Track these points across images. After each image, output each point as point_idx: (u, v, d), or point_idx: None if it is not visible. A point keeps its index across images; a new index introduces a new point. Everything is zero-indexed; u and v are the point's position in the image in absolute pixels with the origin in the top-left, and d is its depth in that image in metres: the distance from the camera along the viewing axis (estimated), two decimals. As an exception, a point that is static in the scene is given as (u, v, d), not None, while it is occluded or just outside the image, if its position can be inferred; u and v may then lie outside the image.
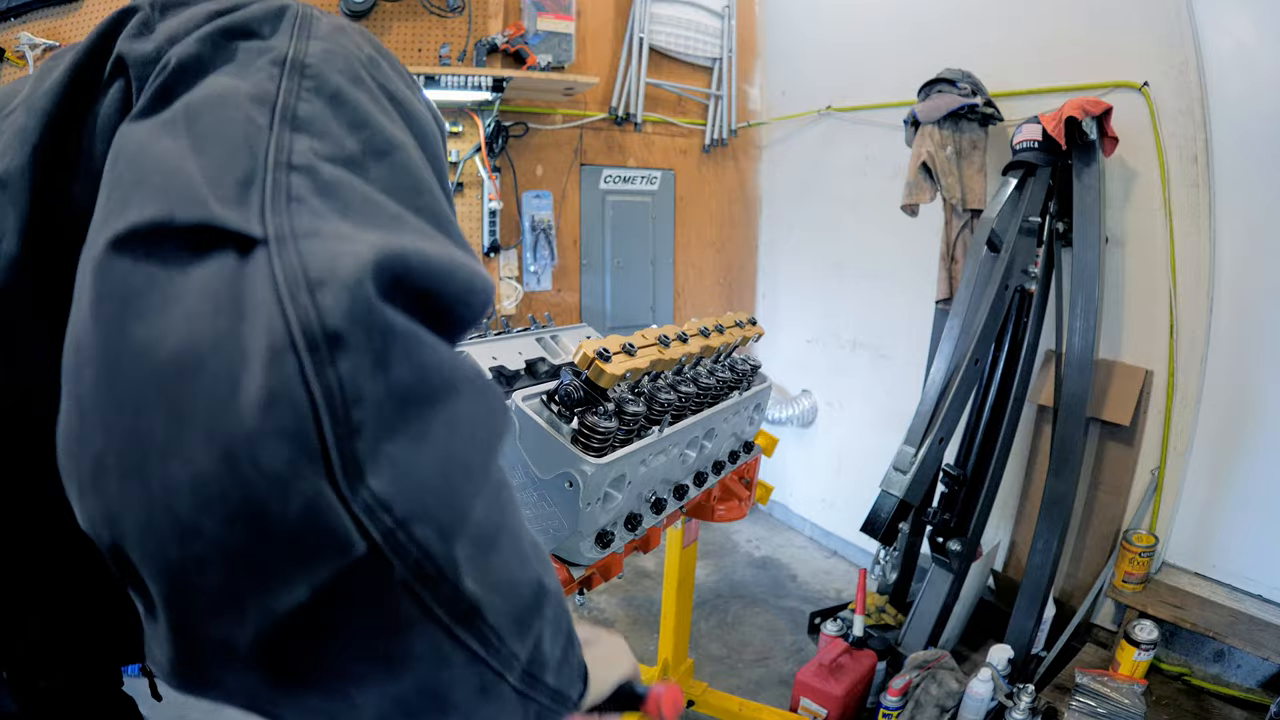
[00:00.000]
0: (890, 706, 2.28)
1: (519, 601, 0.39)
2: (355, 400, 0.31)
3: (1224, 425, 2.45)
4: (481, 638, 0.36)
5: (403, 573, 0.32)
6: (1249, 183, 2.32)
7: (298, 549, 0.30)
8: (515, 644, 0.39)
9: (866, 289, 3.57)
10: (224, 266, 0.33)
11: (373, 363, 0.32)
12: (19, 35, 2.66)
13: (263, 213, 0.35)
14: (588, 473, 1.16)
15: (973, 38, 2.92)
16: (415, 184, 0.43)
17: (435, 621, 0.34)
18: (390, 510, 0.31)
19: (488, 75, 3.01)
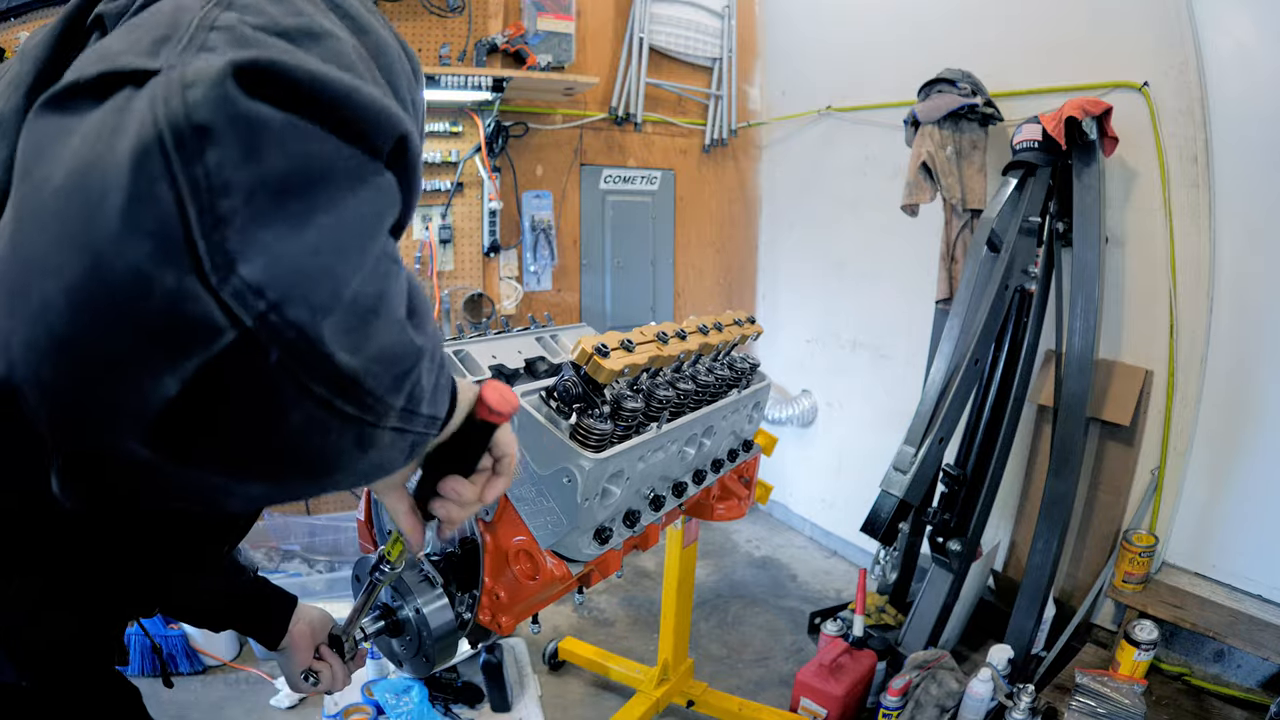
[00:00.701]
0: (890, 706, 2.28)
1: (397, 365, 0.40)
2: (223, 190, 0.31)
3: (1224, 425, 2.44)
4: (359, 403, 0.38)
5: (279, 355, 0.33)
6: (1249, 183, 2.32)
7: (161, 342, 0.31)
8: (392, 398, 0.40)
9: (866, 289, 3.57)
10: (120, 99, 0.34)
11: (242, 153, 0.32)
12: (19, 35, 2.66)
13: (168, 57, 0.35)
14: (586, 468, 1.16)
15: (972, 37, 2.92)
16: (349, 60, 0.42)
17: (312, 397, 0.35)
18: (263, 294, 0.32)
19: (488, 75, 3.02)
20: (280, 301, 0.32)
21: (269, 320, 0.32)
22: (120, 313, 0.30)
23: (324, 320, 0.34)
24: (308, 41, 0.41)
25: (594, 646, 2.72)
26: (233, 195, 0.31)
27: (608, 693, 2.62)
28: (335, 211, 0.35)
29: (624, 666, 2.58)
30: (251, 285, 0.32)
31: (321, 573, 2.92)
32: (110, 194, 0.30)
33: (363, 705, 2.36)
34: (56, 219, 0.31)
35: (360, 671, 2.24)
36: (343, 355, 0.35)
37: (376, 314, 0.38)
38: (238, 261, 0.31)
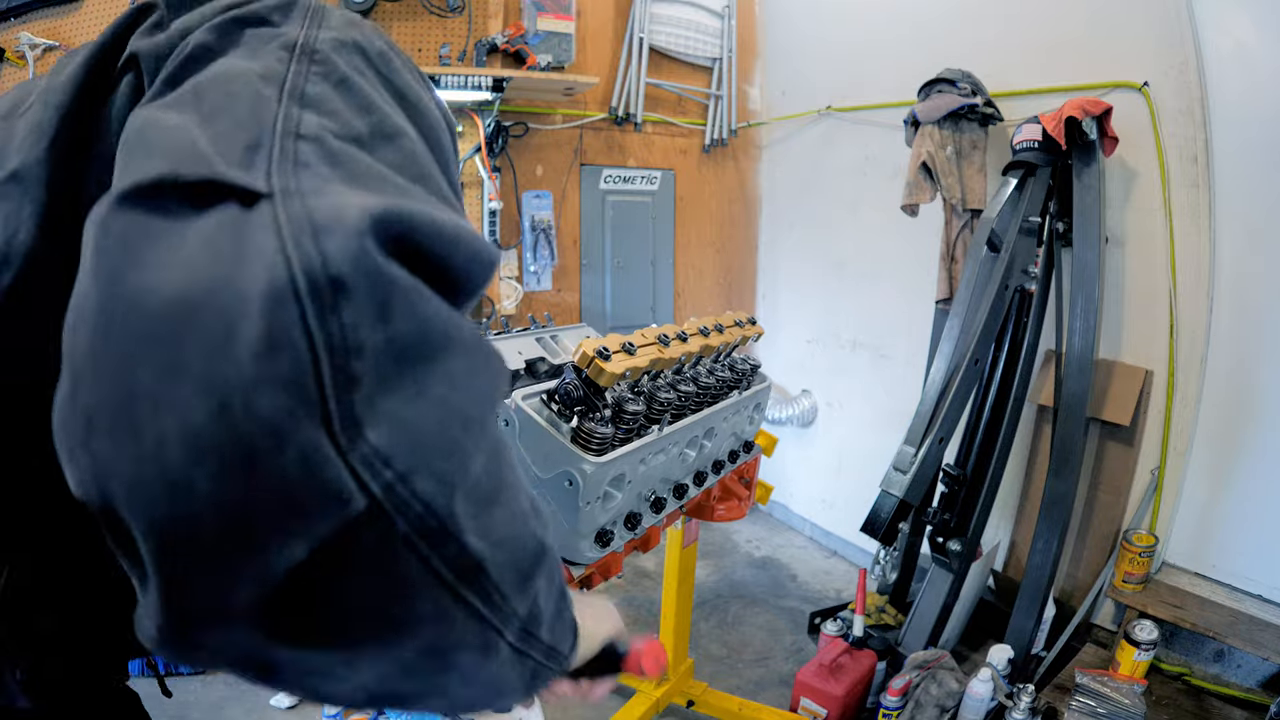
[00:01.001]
0: (890, 706, 2.28)
1: (521, 557, 0.38)
2: (356, 351, 0.30)
3: (1224, 425, 2.45)
4: (484, 595, 0.36)
5: (405, 529, 0.31)
6: (1249, 183, 2.32)
7: (294, 503, 0.29)
8: (516, 601, 0.38)
9: (866, 289, 3.57)
10: (226, 216, 0.32)
11: (375, 313, 0.31)
12: (19, 35, 2.66)
13: (269, 173, 0.34)
14: (587, 471, 1.16)
15: (972, 37, 2.92)
16: (423, 171, 0.42)
17: (439, 579, 0.33)
18: (390, 464, 0.30)
19: (488, 75, 3.01)
20: (407, 473, 0.31)
21: (396, 491, 0.30)
22: (251, 464, 0.28)
23: (451, 495, 0.33)
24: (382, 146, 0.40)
25: (594, 647, 2.71)
26: (365, 358, 0.30)
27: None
28: (453, 381, 0.34)
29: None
30: (380, 453, 0.30)
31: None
32: (241, 334, 0.28)
33: (363, 706, 2.36)
34: (169, 346, 0.29)
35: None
36: (470, 536, 0.34)
37: (501, 496, 0.36)
38: (365, 427, 0.30)
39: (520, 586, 0.38)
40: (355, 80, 0.43)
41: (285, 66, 0.41)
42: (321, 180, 0.34)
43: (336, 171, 0.36)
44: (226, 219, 0.32)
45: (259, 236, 0.31)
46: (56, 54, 2.73)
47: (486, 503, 0.35)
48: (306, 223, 0.31)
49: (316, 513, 0.29)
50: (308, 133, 0.37)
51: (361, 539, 0.30)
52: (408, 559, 0.32)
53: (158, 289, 0.30)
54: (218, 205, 0.32)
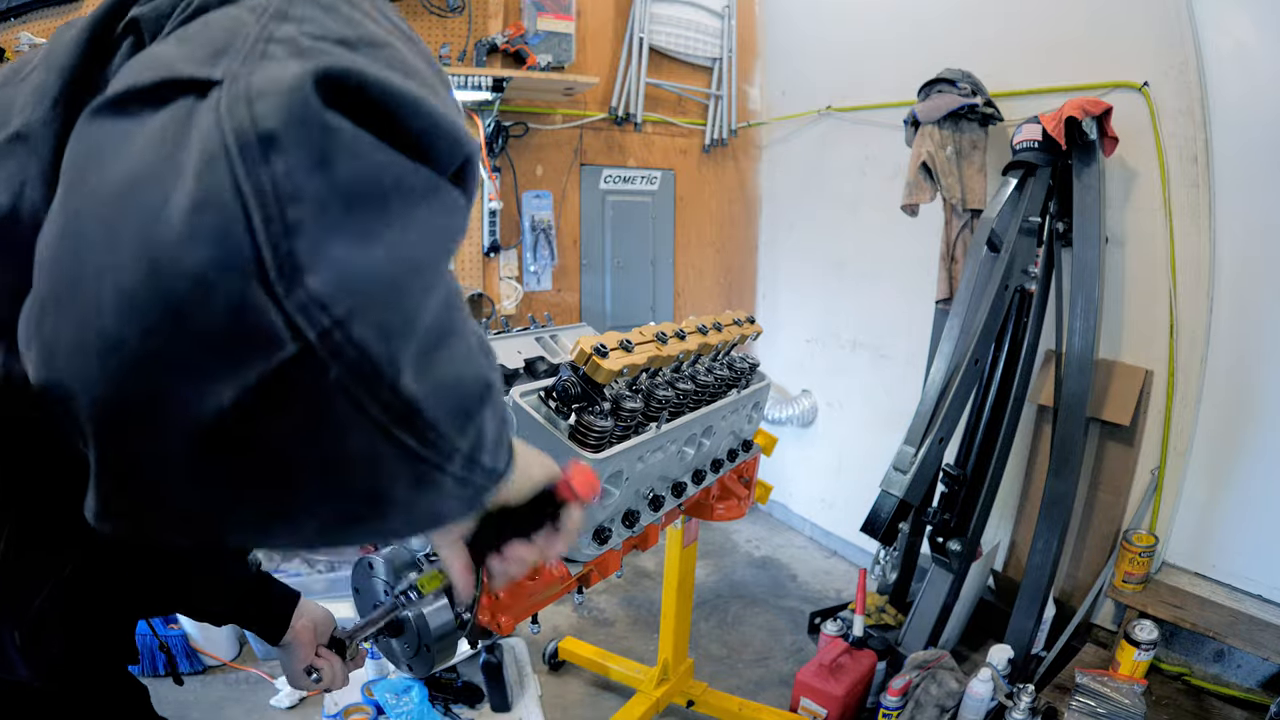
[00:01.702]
0: (890, 706, 2.28)
1: (463, 399, 0.39)
2: (292, 198, 0.30)
3: (1224, 425, 2.44)
4: (420, 436, 0.36)
5: (339, 373, 0.32)
6: (1249, 183, 2.32)
7: (219, 349, 0.30)
8: (457, 438, 0.39)
9: (866, 289, 3.57)
10: (180, 107, 0.33)
11: (313, 160, 0.31)
12: (19, 35, 2.66)
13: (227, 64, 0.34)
14: (585, 469, 1.16)
15: (972, 37, 2.92)
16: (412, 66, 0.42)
17: (372, 422, 0.34)
18: (328, 309, 0.31)
19: (488, 75, 3.02)
20: (345, 317, 0.31)
21: (332, 336, 0.31)
22: (178, 317, 0.29)
23: (390, 340, 0.33)
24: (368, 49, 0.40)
25: (594, 646, 2.72)
26: (302, 203, 0.31)
27: (608, 693, 2.62)
28: (407, 226, 0.34)
29: (624, 666, 2.58)
30: (317, 298, 0.31)
31: (322, 572, 2.92)
32: (172, 201, 0.30)
33: (363, 705, 2.36)
34: (113, 223, 0.31)
35: (360, 671, 2.24)
36: (406, 379, 0.34)
37: (447, 339, 0.37)
38: (305, 273, 0.30)
39: (462, 424, 0.39)
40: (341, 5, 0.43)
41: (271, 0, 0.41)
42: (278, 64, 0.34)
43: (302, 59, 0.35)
44: (180, 109, 0.33)
45: (202, 116, 0.32)
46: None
47: (430, 347, 0.35)
48: (244, 92, 0.32)
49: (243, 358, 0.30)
50: (281, 37, 0.37)
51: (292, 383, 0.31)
52: (341, 403, 0.32)
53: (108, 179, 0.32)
54: (174, 100, 0.33)
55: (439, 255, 0.37)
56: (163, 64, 0.36)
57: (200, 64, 0.35)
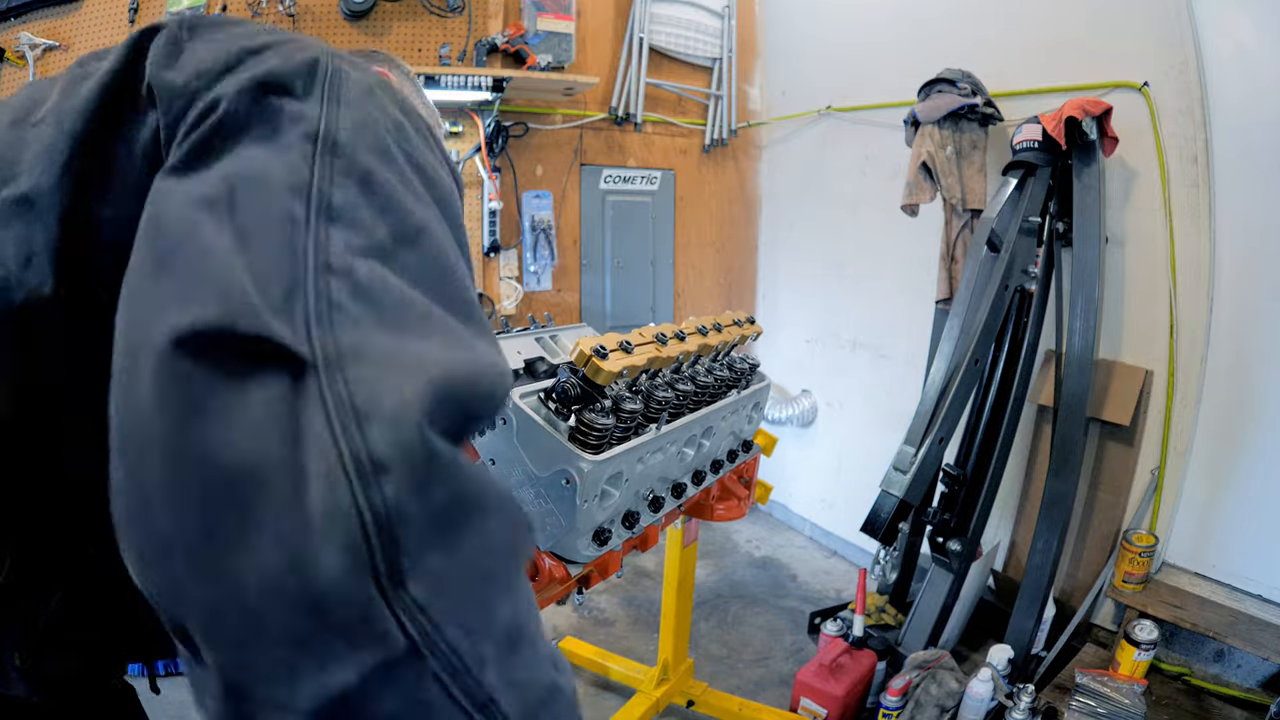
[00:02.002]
0: (890, 706, 2.28)
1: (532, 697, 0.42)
2: (399, 519, 0.35)
3: (1224, 425, 2.44)
4: None
5: (435, 666, 0.37)
6: (1249, 183, 2.32)
7: (351, 638, 0.35)
8: None
9: (866, 289, 3.57)
10: (280, 390, 0.38)
11: (414, 488, 0.36)
12: (19, 35, 2.66)
13: (308, 327, 0.39)
14: (585, 470, 1.16)
15: (972, 37, 2.92)
16: (442, 270, 0.47)
17: (458, 706, 0.38)
18: (425, 613, 0.36)
19: (488, 75, 3.02)
20: (439, 621, 0.36)
21: (429, 635, 0.36)
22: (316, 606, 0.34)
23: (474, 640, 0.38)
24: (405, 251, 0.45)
25: (594, 646, 2.72)
26: (408, 524, 0.36)
27: (608, 693, 2.62)
28: (483, 540, 0.39)
29: (624, 666, 2.59)
30: (417, 603, 0.36)
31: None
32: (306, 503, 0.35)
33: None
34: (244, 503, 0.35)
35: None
36: (488, 674, 0.38)
37: (517, 644, 0.41)
38: (407, 581, 0.35)
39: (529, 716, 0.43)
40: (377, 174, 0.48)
41: (309, 167, 0.46)
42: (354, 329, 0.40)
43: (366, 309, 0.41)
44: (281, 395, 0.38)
45: (311, 420, 0.37)
46: (56, 54, 2.73)
47: (506, 649, 0.40)
48: (349, 409, 0.37)
49: (367, 647, 0.35)
50: (337, 265, 0.42)
51: (400, 670, 0.36)
52: (434, 689, 0.37)
53: (228, 451, 0.36)
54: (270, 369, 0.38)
55: (511, 562, 0.42)
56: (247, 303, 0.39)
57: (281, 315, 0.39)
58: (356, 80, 0.53)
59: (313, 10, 2.93)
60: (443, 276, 0.47)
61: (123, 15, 2.75)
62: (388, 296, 0.43)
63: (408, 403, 0.38)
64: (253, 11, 2.86)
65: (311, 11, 2.93)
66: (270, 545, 0.34)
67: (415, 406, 0.38)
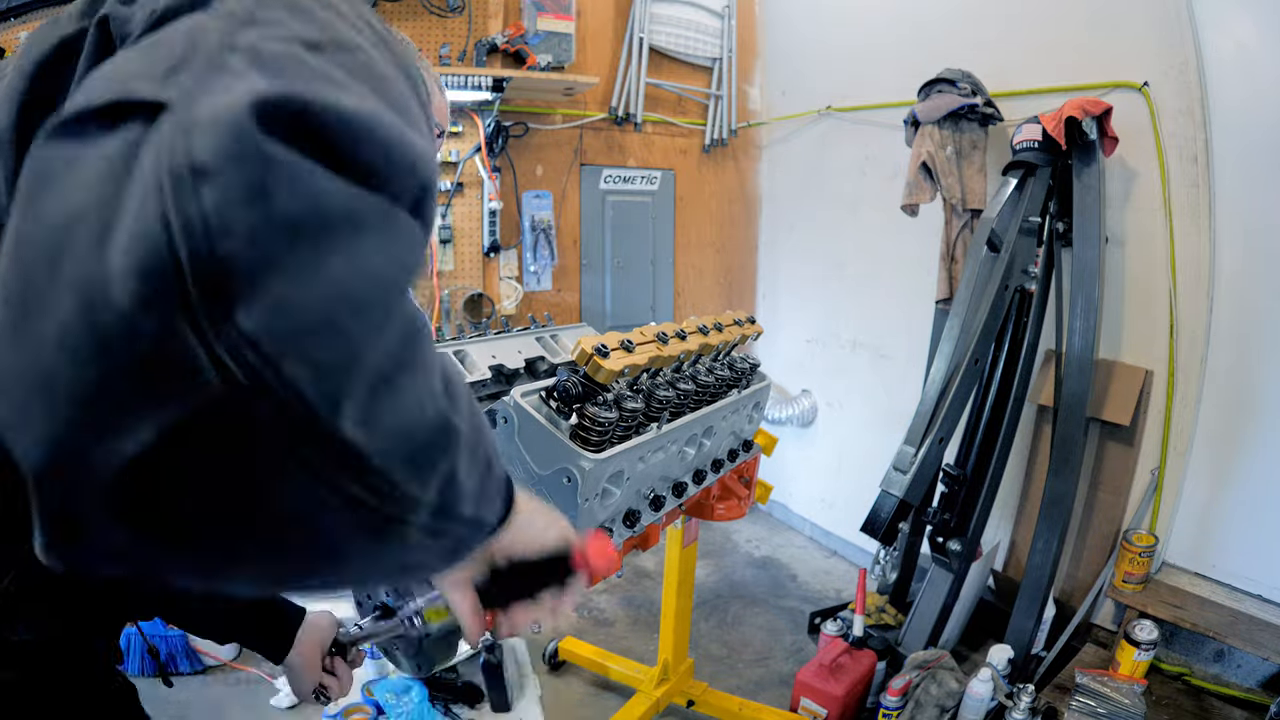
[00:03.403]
0: (890, 706, 2.28)
1: (420, 445, 0.37)
2: (221, 232, 0.29)
3: (1224, 425, 2.44)
4: (368, 485, 0.34)
5: (268, 414, 0.31)
6: (1249, 183, 2.32)
7: (141, 385, 0.29)
8: (414, 487, 0.37)
9: (866, 289, 3.57)
10: (128, 134, 0.32)
11: (247, 192, 0.30)
12: (19, 35, 2.66)
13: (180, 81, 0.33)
14: (586, 468, 1.16)
15: (972, 37, 2.92)
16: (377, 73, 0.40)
17: (308, 470, 0.32)
18: (256, 346, 0.30)
19: (488, 75, 3.02)
20: (276, 356, 0.30)
21: (261, 375, 0.30)
22: (104, 352, 0.29)
23: (326, 380, 0.32)
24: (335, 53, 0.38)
25: (594, 646, 2.72)
26: (232, 237, 0.29)
27: (608, 693, 2.62)
28: (351, 259, 0.32)
29: (624, 666, 2.58)
30: (246, 335, 0.30)
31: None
32: (111, 237, 0.30)
33: (363, 705, 2.36)
34: (53, 257, 0.30)
35: (360, 671, 2.24)
36: (348, 426, 0.32)
37: (397, 381, 0.35)
38: (235, 309, 0.30)
39: (421, 473, 0.37)
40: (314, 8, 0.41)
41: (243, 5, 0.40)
42: (233, 78, 0.33)
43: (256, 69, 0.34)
44: (129, 136, 0.32)
45: (144, 148, 0.31)
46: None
47: (376, 390, 0.34)
48: (183, 121, 0.31)
49: (165, 394, 0.29)
50: (242, 45, 0.35)
51: (216, 422, 0.30)
52: (269, 446, 0.31)
53: (54, 209, 0.31)
54: (125, 123, 0.32)
55: (389, 289, 0.35)
56: (118, 80, 0.35)
57: (154, 81, 0.34)
58: None
59: (313, 10, 2.93)
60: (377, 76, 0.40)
61: (123, 15, 2.75)
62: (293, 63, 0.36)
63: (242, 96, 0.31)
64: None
65: (312, 11, 2.93)
66: (67, 292, 0.30)
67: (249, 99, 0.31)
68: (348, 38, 0.40)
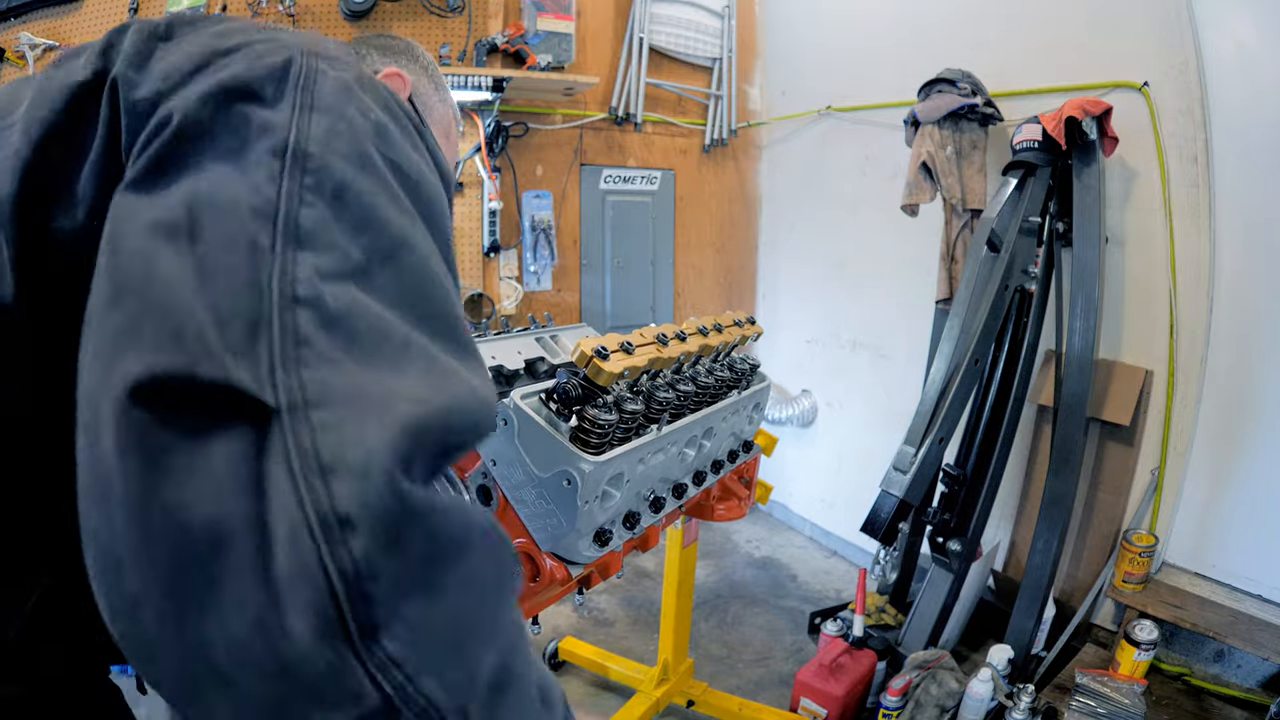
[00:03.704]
0: (890, 706, 2.28)
1: None
2: (369, 576, 0.34)
3: (1224, 425, 2.44)
4: None
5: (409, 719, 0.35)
6: (1249, 183, 2.32)
7: (320, 702, 0.34)
8: None
9: (866, 289, 3.57)
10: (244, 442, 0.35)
11: (385, 543, 0.34)
12: (19, 35, 2.66)
13: (273, 370, 0.37)
14: (586, 470, 1.16)
15: (972, 37, 2.92)
16: (423, 286, 0.44)
17: None
18: (401, 668, 0.34)
19: (488, 75, 3.01)
20: (415, 675, 0.34)
21: (405, 691, 0.34)
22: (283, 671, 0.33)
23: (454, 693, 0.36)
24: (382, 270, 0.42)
25: (594, 646, 2.72)
26: (378, 580, 0.34)
27: (608, 693, 2.62)
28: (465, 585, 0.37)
29: (624, 666, 2.59)
30: (392, 658, 0.34)
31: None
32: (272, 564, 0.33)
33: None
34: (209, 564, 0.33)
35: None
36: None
37: (508, 688, 0.39)
38: (381, 635, 0.34)
39: None
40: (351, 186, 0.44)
41: (276, 186, 0.42)
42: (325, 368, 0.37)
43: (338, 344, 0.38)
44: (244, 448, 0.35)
45: (275, 474, 0.35)
46: (57, 54, 2.73)
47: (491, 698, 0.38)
48: (314, 461, 0.35)
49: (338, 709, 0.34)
50: (305, 295, 0.39)
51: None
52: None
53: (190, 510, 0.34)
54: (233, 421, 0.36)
55: (495, 601, 0.39)
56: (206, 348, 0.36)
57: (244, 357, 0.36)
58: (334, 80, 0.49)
59: (313, 10, 2.93)
60: (424, 294, 0.44)
61: (123, 15, 2.75)
62: (361, 324, 0.40)
63: (374, 450, 0.35)
64: (252, 11, 2.85)
65: (311, 11, 2.93)
66: (234, 608, 0.33)
67: (384, 454, 0.35)
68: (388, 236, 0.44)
